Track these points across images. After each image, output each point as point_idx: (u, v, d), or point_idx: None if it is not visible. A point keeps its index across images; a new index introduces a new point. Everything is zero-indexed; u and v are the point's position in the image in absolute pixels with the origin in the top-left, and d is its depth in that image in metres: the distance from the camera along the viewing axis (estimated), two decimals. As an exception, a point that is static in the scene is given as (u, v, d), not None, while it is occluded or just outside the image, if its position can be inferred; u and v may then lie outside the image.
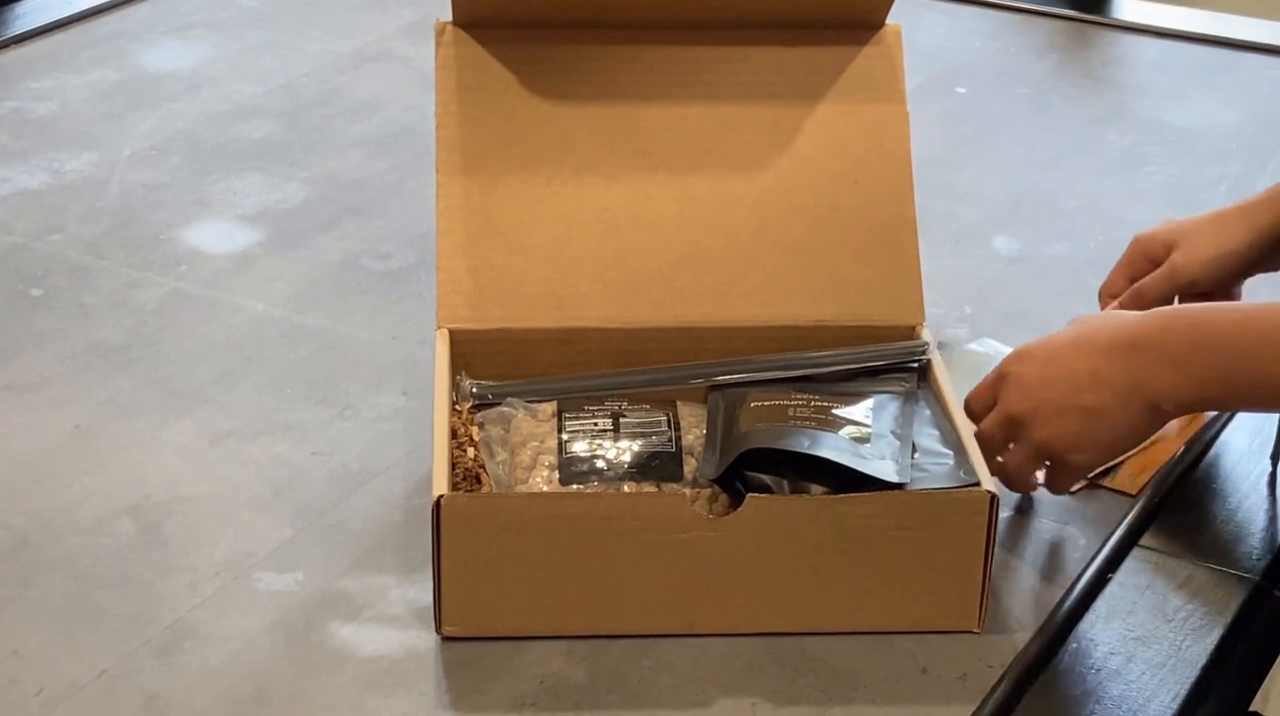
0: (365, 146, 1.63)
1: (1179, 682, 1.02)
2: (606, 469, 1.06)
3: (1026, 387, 1.04)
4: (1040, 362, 1.04)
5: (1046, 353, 1.05)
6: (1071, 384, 1.03)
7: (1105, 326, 1.04)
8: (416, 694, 0.99)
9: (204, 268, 1.42)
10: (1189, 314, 1.04)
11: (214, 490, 1.16)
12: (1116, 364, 1.02)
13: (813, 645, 1.03)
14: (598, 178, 1.19)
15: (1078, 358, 1.03)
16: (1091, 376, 1.02)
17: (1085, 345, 1.03)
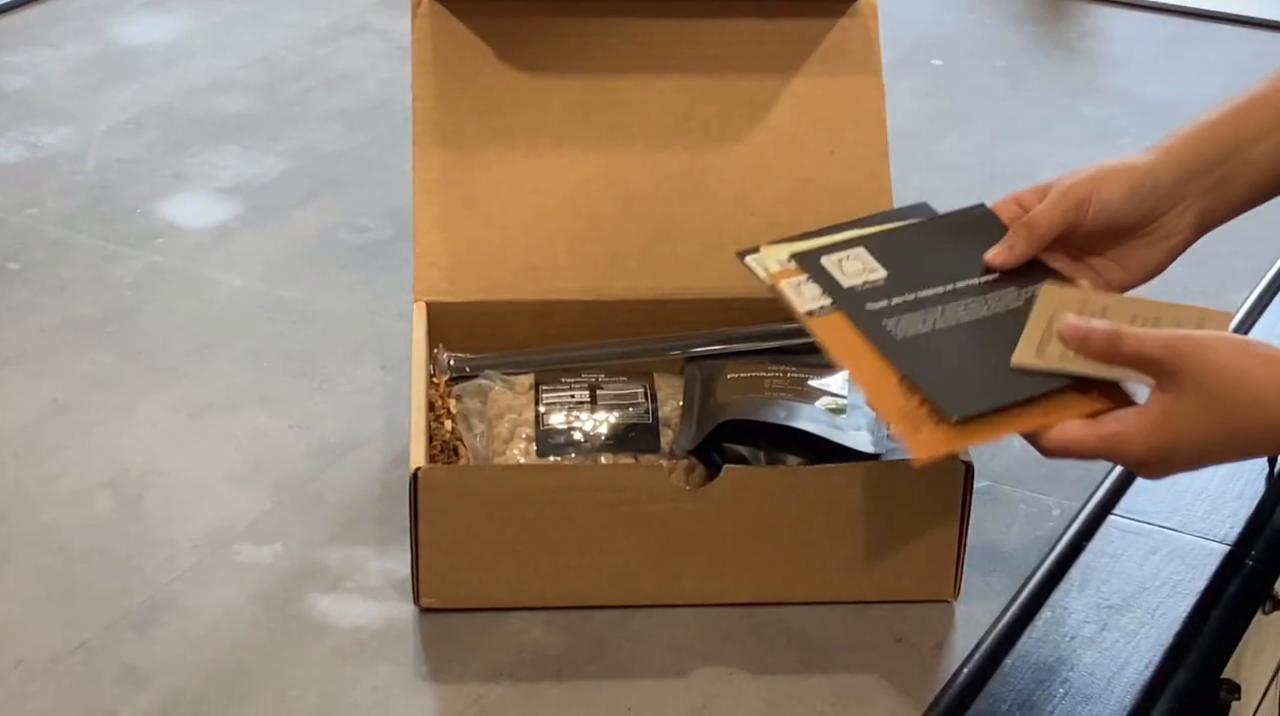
0: (343, 120, 1.63)
1: (1152, 650, 1.03)
2: (583, 441, 1.07)
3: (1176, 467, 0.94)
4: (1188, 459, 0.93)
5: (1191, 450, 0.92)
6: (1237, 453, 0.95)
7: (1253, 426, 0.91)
8: (395, 665, 1.00)
9: (181, 241, 1.42)
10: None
11: (192, 463, 1.16)
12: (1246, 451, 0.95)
13: (789, 615, 1.04)
14: (574, 150, 1.20)
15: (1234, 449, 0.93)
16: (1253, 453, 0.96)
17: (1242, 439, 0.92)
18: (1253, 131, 1.07)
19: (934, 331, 0.99)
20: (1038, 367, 0.95)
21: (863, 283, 1.02)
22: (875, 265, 1.03)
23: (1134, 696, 0.99)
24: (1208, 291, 1.39)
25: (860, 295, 1.01)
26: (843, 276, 1.03)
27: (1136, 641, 1.03)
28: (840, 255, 1.04)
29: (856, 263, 1.03)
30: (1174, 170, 1.06)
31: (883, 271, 1.03)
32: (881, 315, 1.00)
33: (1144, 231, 1.07)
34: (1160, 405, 0.91)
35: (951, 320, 1.00)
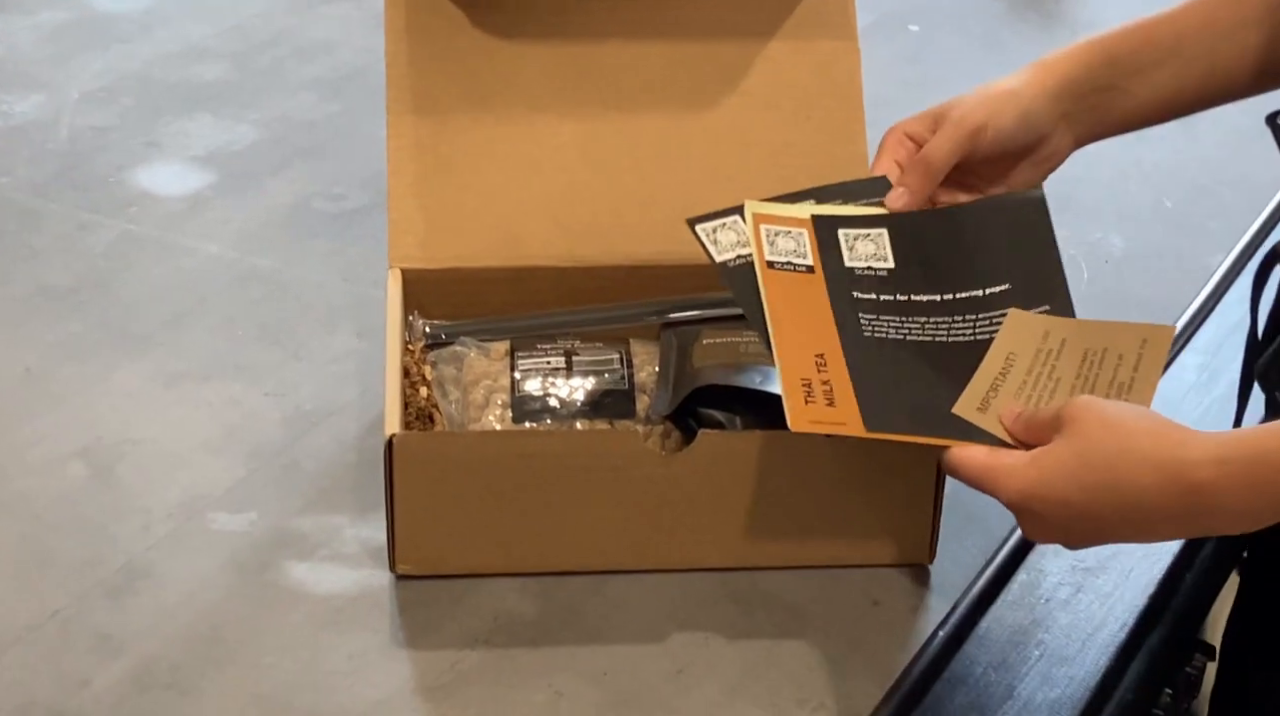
0: (317, 88, 1.62)
1: (1127, 612, 1.03)
2: (559, 407, 1.07)
3: (1045, 526, 0.90)
4: (1058, 511, 0.88)
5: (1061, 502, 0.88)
6: (1106, 530, 0.88)
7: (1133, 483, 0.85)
8: (370, 631, 1.00)
9: (155, 210, 1.42)
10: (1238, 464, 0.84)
11: (166, 432, 1.16)
12: (1161, 524, 0.87)
13: (765, 580, 1.04)
14: (549, 116, 1.19)
15: (1110, 513, 0.87)
16: (1133, 527, 0.87)
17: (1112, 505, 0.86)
18: (1140, 62, 1.07)
19: (903, 341, 0.99)
20: (972, 423, 0.94)
21: (865, 267, 1.01)
22: (888, 254, 1.02)
23: (1109, 658, 0.99)
24: (1183, 254, 1.40)
25: (855, 279, 1.01)
26: (849, 255, 1.02)
27: (1111, 603, 1.03)
28: (859, 233, 1.03)
29: (871, 246, 1.02)
30: (1055, 93, 1.06)
31: (891, 263, 1.02)
32: (862, 308, 1.00)
33: (1029, 154, 1.06)
34: (1041, 449, 0.89)
35: (926, 336, 1.00)
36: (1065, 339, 0.98)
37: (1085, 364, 0.97)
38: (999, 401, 0.95)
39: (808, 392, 0.95)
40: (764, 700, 0.96)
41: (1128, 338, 0.98)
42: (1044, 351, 0.98)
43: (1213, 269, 1.37)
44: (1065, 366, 0.97)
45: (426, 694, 0.96)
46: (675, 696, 0.96)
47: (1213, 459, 0.83)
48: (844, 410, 0.95)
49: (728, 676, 0.97)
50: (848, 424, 0.95)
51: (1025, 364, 0.97)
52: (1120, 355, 0.97)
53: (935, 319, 1.00)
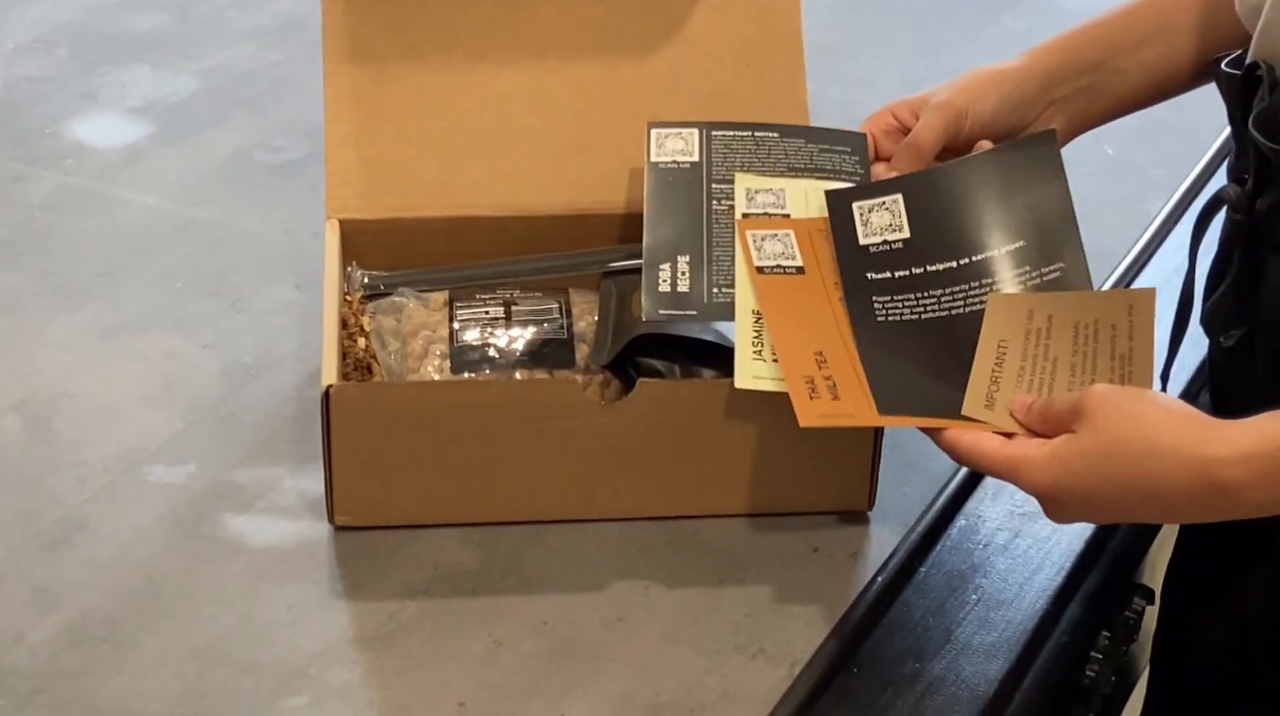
0: (257, 37, 1.60)
1: (1064, 556, 1.04)
2: (498, 357, 1.06)
3: (1070, 513, 0.91)
4: (1084, 504, 0.89)
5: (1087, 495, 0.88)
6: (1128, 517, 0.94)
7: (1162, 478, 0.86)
8: (309, 583, 0.99)
9: (92, 161, 1.40)
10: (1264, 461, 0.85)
11: (103, 385, 1.15)
12: (1186, 514, 0.91)
13: (705, 528, 1.04)
14: (488, 65, 1.18)
15: (1137, 507, 0.89)
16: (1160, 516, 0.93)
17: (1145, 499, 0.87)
18: (1128, 41, 1.08)
19: (919, 321, 0.99)
20: (984, 420, 0.94)
21: (881, 241, 1.02)
22: (903, 222, 1.02)
23: (1045, 601, 1.00)
24: (1124, 202, 1.40)
25: (870, 258, 1.01)
26: (864, 230, 1.02)
27: (1049, 547, 1.04)
28: (873, 203, 1.03)
29: (886, 215, 1.03)
30: (1042, 77, 1.07)
31: (907, 231, 1.02)
32: (875, 291, 1.00)
33: (1016, 137, 1.08)
34: (1064, 442, 0.89)
35: (943, 310, 1.00)
36: (1051, 315, 0.98)
37: (1079, 339, 0.97)
38: (1003, 395, 0.95)
39: (811, 389, 0.96)
40: (704, 646, 0.96)
41: (1113, 306, 0.98)
42: (1033, 332, 0.98)
43: (1153, 216, 1.37)
44: (1059, 344, 0.97)
45: (365, 644, 0.96)
46: (615, 644, 0.96)
47: (1239, 457, 0.84)
48: (850, 402, 0.96)
49: (667, 623, 0.97)
50: (856, 415, 0.95)
51: (1018, 349, 0.97)
52: (1113, 325, 0.97)
53: (951, 289, 1.00)
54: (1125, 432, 0.87)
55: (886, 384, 0.96)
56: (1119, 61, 1.08)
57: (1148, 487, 0.86)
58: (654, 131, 1.09)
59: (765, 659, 0.95)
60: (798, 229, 1.04)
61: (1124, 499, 0.87)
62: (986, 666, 0.95)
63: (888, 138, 1.11)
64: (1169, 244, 1.34)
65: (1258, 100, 0.98)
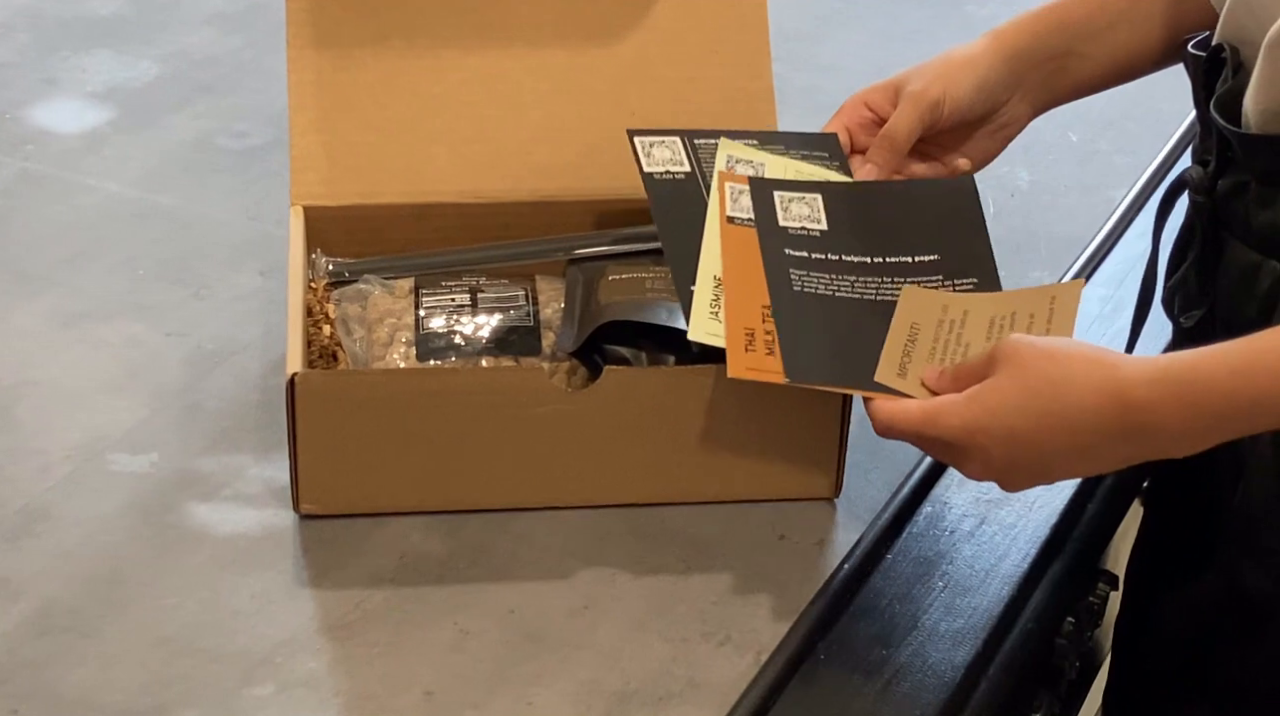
0: (219, 22, 1.59)
1: (1030, 543, 1.04)
2: (464, 344, 1.06)
3: (988, 465, 0.91)
4: (1004, 444, 0.89)
5: (1007, 434, 0.89)
6: (1050, 460, 0.90)
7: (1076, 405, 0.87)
8: (275, 572, 0.99)
9: (52, 147, 1.39)
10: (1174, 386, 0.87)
11: (66, 372, 1.14)
12: (1104, 448, 0.89)
13: (672, 515, 1.04)
14: (453, 50, 1.18)
15: (1054, 441, 0.89)
16: (1076, 452, 0.89)
17: (1056, 428, 0.88)
18: (1095, 25, 1.08)
19: (833, 297, 1.00)
20: (896, 388, 0.95)
21: (800, 227, 1.03)
22: (821, 216, 1.04)
23: (1011, 588, 1.00)
24: (1090, 188, 1.40)
25: (788, 238, 1.02)
26: (783, 215, 1.03)
27: (1014, 534, 1.04)
28: (794, 195, 1.04)
29: (805, 208, 1.04)
30: (1011, 61, 1.07)
31: (825, 225, 1.03)
32: (793, 264, 1.01)
33: (987, 123, 1.08)
34: (982, 385, 0.90)
35: (855, 294, 1.01)
36: (967, 311, 0.99)
37: (993, 329, 0.98)
38: (914, 366, 0.96)
39: (749, 340, 0.97)
40: (670, 634, 0.96)
41: (1035, 299, 0.99)
42: (946, 322, 0.99)
43: (1117, 202, 1.38)
44: (971, 333, 0.98)
45: (331, 633, 0.95)
46: (581, 632, 0.96)
47: (1147, 378, 0.86)
48: (780, 361, 0.97)
49: (634, 611, 0.97)
50: (772, 370, 0.96)
51: (930, 333, 0.98)
52: (1031, 314, 0.98)
53: (865, 278, 1.02)
54: (1041, 367, 0.89)
55: (796, 347, 0.97)
56: (1085, 46, 1.08)
57: (1064, 415, 0.87)
58: (639, 140, 1.07)
59: (732, 646, 0.95)
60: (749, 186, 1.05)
61: (1043, 434, 0.88)
62: (953, 653, 0.96)
63: (863, 130, 1.11)
64: (1133, 230, 1.34)
65: (1221, 82, 0.99)
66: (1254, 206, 0.97)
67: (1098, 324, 1.22)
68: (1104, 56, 1.09)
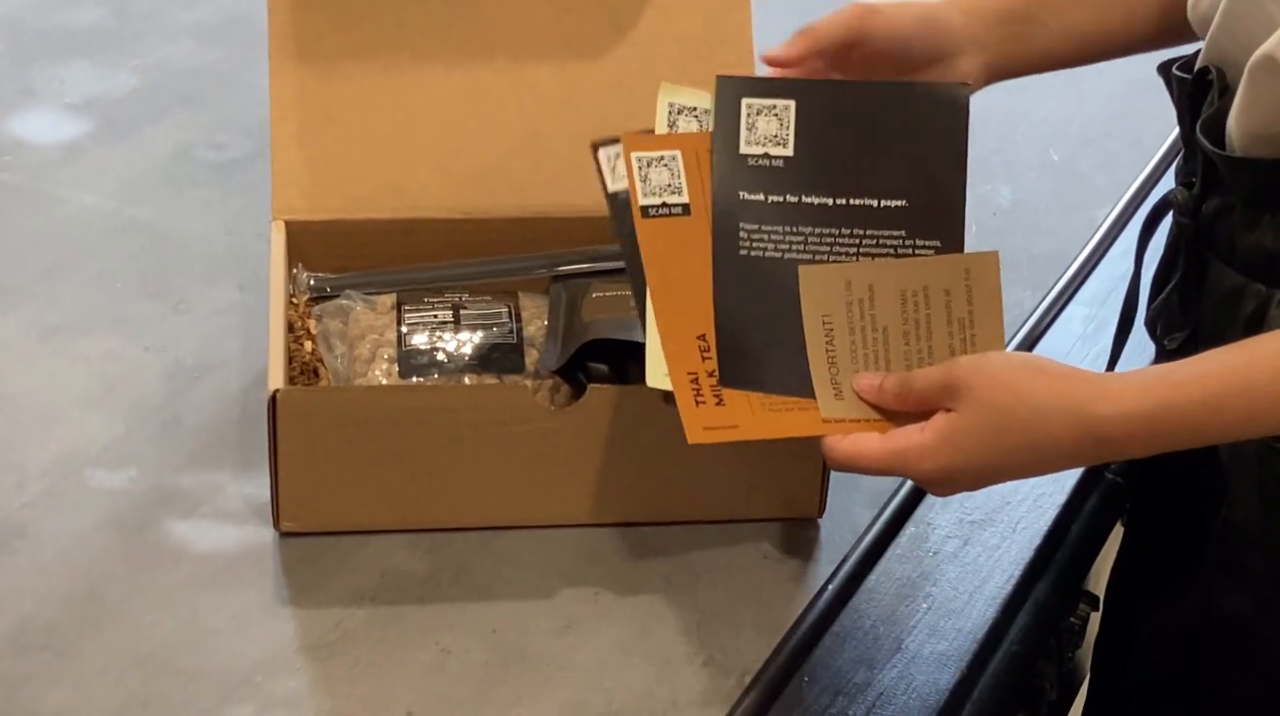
0: (198, 34, 1.58)
1: (1014, 564, 1.04)
2: (447, 361, 1.05)
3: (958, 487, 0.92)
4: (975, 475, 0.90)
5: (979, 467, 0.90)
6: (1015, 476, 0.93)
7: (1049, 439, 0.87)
8: (254, 590, 0.98)
9: (29, 159, 1.38)
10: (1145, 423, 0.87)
11: (42, 387, 1.13)
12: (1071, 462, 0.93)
13: (655, 534, 1.03)
14: (436, 64, 1.17)
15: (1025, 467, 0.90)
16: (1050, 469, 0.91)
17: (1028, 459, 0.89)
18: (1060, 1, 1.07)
19: (780, 260, 0.97)
20: (842, 417, 0.93)
21: (762, 153, 0.97)
22: (789, 135, 0.98)
23: (995, 610, 1.00)
24: (1070, 207, 1.40)
25: (745, 169, 0.97)
26: (747, 134, 0.98)
27: (998, 556, 1.04)
28: (763, 103, 0.98)
29: (774, 123, 0.98)
30: (968, 11, 1.05)
31: (791, 148, 0.98)
32: (744, 215, 0.97)
33: (935, 69, 1.04)
34: (946, 422, 0.89)
35: (807, 253, 0.97)
36: (872, 284, 0.94)
37: (907, 306, 0.94)
38: (845, 378, 0.94)
39: (696, 391, 0.93)
40: (654, 655, 0.95)
41: (946, 271, 0.95)
42: (854, 302, 0.94)
43: (1099, 221, 1.38)
44: (885, 313, 0.94)
45: (311, 652, 0.94)
46: (564, 653, 0.95)
47: (1122, 416, 0.87)
48: (733, 408, 0.93)
49: (617, 632, 0.97)
50: (741, 426, 0.93)
51: (843, 322, 0.94)
52: (947, 291, 0.94)
53: (821, 230, 0.97)
54: (1007, 402, 0.88)
55: (734, 346, 0.94)
56: (1046, 16, 1.06)
57: (1037, 449, 0.88)
58: (603, 153, 0.99)
59: (716, 667, 0.95)
60: (684, 148, 0.98)
61: (1014, 463, 0.90)
62: (938, 675, 0.95)
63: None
64: (1116, 248, 1.34)
65: (1207, 105, 0.99)
66: (1239, 229, 0.97)
67: (1080, 343, 1.22)
68: (1061, 33, 1.07)
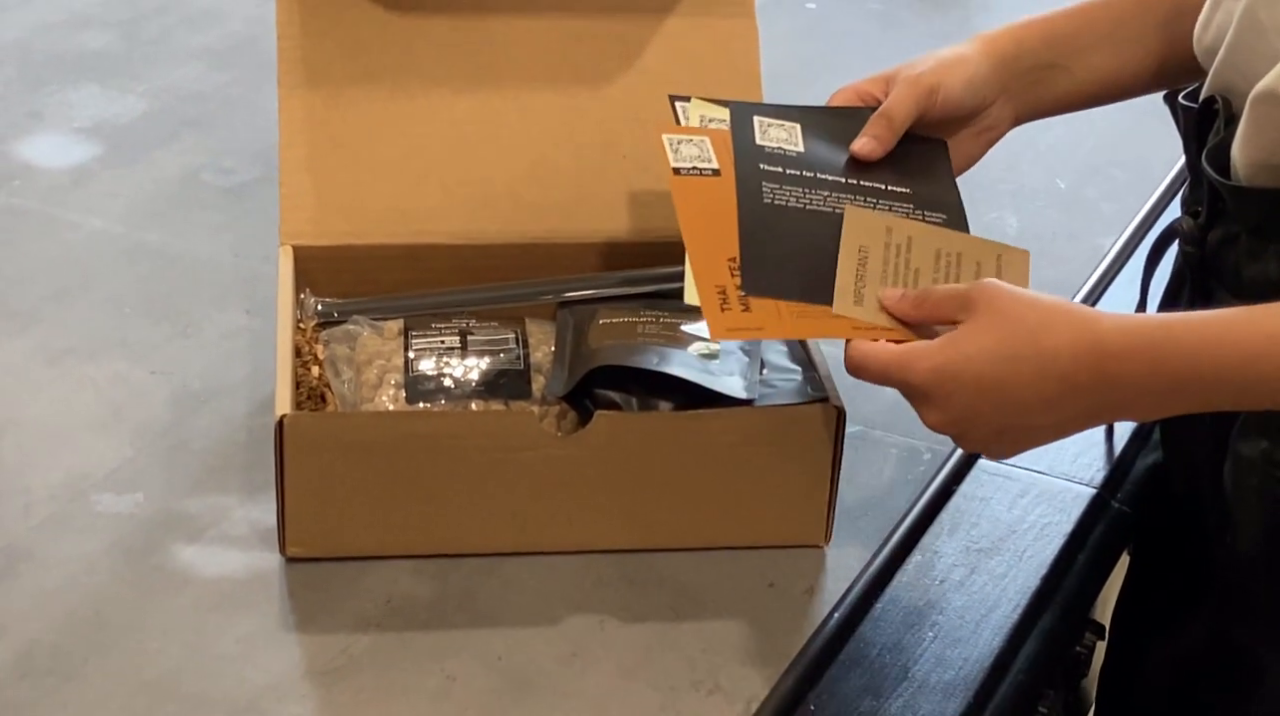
0: (206, 58, 1.59)
1: (1020, 593, 1.03)
2: (454, 387, 1.05)
3: (949, 412, 0.91)
4: (968, 390, 0.90)
5: (974, 379, 0.89)
6: (1014, 410, 0.90)
7: (1051, 350, 0.88)
8: (260, 615, 0.98)
9: (38, 182, 1.38)
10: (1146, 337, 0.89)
11: (50, 410, 1.13)
12: (1067, 401, 0.89)
13: (661, 562, 1.03)
14: (444, 90, 1.17)
15: (1020, 389, 0.89)
16: (1043, 403, 0.89)
17: (1027, 374, 0.89)
18: (1079, 43, 1.09)
19: (803, 210, 1.01)
20: (854, 316, 0.96)
21: (776, 147, 1.04)
22: (799, 141, 1.04)
23: (1002, 639, 1.00)
24: (1076, 235, 1.41)
25: (764, 154, 1.03)
26: (760, 136, 1.04)
27: (1005, 584, 1.04)
28: (773, 122, 1.05)
29: (782, 133, 1.05)
30: (998, 64, 1.08)
31: (801, 148, 1.04)
32: (766, 178, 1.01)
33: (972, 123, 1.08)
34: (958, 328, 0.91)
35: (825, 208, 1.01)
36: (911, 237, 0.99)
37: (940, 261, 0.98)
38: (870, 290, 0.96)
39: (723, 300, 0.96)
40: (659, 683, 0.95)
41: (982, 248, 0.99)
42: (892, 245, 0.99)
43: (1105, 250, 1.38)
44: (920, 260, 0.98)
45: (316, 678, 0.94)
46: (569, 680, 0.95)
47: (1121, 328, 0.89)
48: (760, 313, 0.96)
49: (623, 659, 0.97)
50: (766, 327, 0.96)
51: (878, 255, 0.98)
52: (978, 263, 0.98)
53: (838, 194, 1.02)
54: (1017, 311, 0.90)
55: (758, 261, 0.97)
56: (1068, 62, 1.09)
57: (1037, 360, 0.88)
58: (679, 105, 1.06)
59: (721, 695, 0.95)
60: (714, 137, 1.04)
61: (1008, 379, 0.89)
62: (944, 705, 0.95)
63: None
64: (1121, 277, 1.34)
65: (1212, 134, 0.99)
66: (1244, 258, 0.98)
67: (1087, 372, 1.22)
68: (1087, 74, 1.09)
